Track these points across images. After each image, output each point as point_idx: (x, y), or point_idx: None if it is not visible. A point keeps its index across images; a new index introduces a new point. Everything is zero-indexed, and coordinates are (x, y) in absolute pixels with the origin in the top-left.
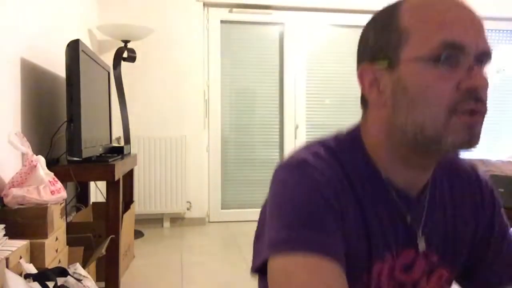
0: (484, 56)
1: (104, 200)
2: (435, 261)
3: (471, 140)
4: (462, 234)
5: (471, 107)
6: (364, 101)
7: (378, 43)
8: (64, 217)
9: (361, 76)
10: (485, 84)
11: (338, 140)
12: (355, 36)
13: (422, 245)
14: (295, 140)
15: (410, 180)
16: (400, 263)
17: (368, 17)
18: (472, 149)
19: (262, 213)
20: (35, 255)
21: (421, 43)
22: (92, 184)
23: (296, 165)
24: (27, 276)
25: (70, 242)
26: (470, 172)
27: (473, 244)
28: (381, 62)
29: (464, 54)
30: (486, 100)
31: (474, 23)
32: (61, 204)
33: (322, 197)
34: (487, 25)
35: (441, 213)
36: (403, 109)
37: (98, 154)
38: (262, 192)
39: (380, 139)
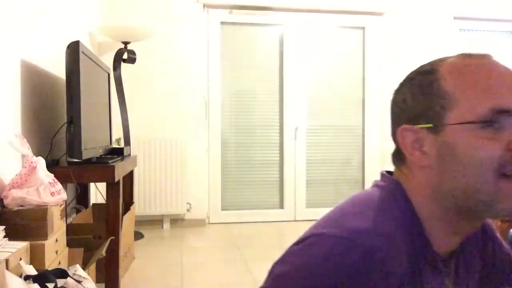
0: None
1: (104, 202)
2: None
3: None
4: (473, 277)
5: None
6: (398, 157)
7: (419, 106)
8: (64, 218)
9: (402, 137)
10: None
11: (386, 199)
12: (355, 37)
13: None
14: (295, 141)
15: (447, 243)
16: None
17: (368, 18)
18: None
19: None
20: (35, 256)
21: (468, 109)
22: (92, 185)
23: (357, 247)
24: (27, 278)
25: (70, 244)
26: None
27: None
28: (424, 125)
29: None
30: None
31: None
32: (61, 205)
33: (384, 274)
34: (487, 26)
35: (464, 268)
36: (452, 173)
37: (98, 156)
38: (262, 194)
39: (424, 202)
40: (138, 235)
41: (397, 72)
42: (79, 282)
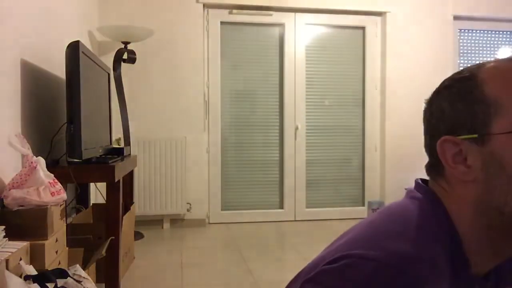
0: None
1: (104, 202)
2: None
3: None
4: None
5: None
6: (435, 170)
7: (459, 115)
8: (64, 218)
9: (442, 149)
10: None
11: (426, 216)
12: (355, 37)
13: None
14: (295, 141)
15: (485, 265)
16: None
17: (369, 18)
18: None
19: None
20: (35, 256)
21: None
22: (92, 185)
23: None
24: (27, 278)
25: (70, 244)
26: None
27: None
28: (466, 135)
29: None
30: None
31: None
32: (61, 205)
33: None
34: (487, 26)
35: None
36: (501, 188)
37: (98, 156)
38: (262, 194)
39: (465, 220)
40: (138, 235)
41: (397, 72)
42: (79, 282)
